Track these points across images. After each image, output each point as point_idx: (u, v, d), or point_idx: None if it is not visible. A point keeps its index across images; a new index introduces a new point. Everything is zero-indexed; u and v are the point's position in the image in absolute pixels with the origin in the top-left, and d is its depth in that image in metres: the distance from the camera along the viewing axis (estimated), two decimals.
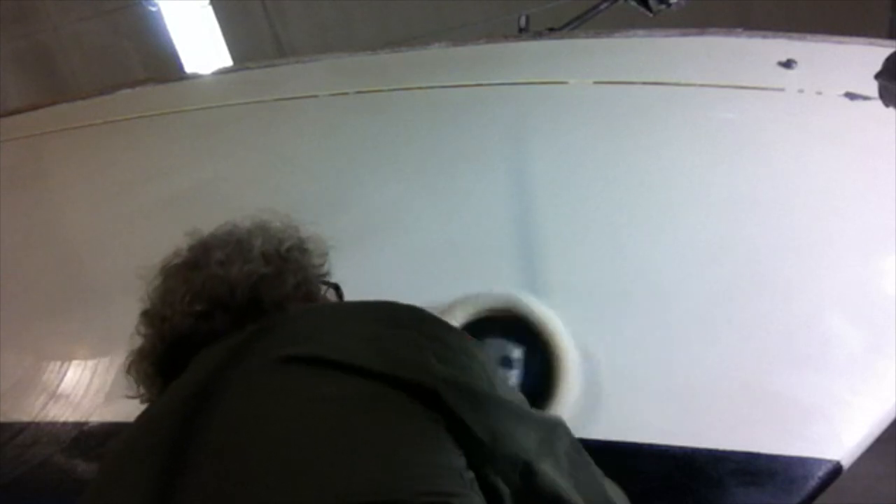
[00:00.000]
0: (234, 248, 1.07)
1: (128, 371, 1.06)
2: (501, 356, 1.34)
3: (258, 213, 1.15)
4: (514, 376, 1.33)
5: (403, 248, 1.56)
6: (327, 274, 1.16)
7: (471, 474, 0.81)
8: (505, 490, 0.83)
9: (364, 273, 1.05)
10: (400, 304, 0.97)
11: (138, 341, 1.06)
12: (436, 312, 0.97)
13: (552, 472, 0.86)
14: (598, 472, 0.98)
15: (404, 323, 0.92)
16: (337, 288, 1.17)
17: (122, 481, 0.84)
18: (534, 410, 0.94)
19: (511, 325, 1.42)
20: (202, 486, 0.76)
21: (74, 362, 1.69)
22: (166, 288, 1.06)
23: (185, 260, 1.09)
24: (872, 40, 1.57)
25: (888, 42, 1.56)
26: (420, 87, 1.66)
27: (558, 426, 0.94)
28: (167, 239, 1.09)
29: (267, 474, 0.75)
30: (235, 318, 1.00)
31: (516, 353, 1.34)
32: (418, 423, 0.81)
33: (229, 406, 0.82)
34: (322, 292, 1.15)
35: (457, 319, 1.37)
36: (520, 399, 0.94)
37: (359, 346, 0.86)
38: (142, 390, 1.05)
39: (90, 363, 1.68)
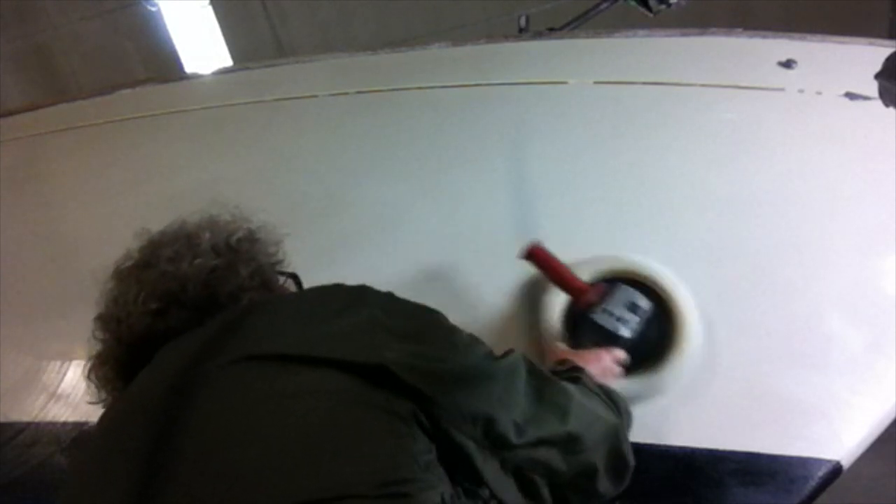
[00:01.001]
0: (182, 244, 1.07)
1: (88, 377, 1.06)
2: (630, 301, 1.33)
3: (207, 208, 1.15)
4: (637, 322, 1.32)
5: (403, 247, 1.56)
6: (282, 262, 1.16)
7: (428, 457, 0.83)
8: (470, 445, 0.87)
9: (364, 273, 1.04)
10: (349, 287, 0.97)
11: (96, 346, 1.06)
12: None
13: (513, 416, 0.91)
14: (564, 387, 1.02)
15: (357, 305, 0.93)
16: (295, 277, 1.16)
17: (101, 482, 0.84)
18: (492, 361, 0.96)
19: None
20: (181, 486, 0.77)
21: (74, 362, 1.69)
22: (119, 290, 1.07)
23: (136, 261, 1.09)
24: (872, 40, 1.57)
25: (888, 42, 1.56)
26: (420, 87, 1.66)
27: (515, 368, 0.97)
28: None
29: (235, 473, 0.76)
30: (192, 314, 1.00)
31: (643, 302, 1.34)
32: (377, 412, 0.82)
33: (202, 406, 0.83)
34: (280, 282, 1.14)
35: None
36: (479, 353, 0.96)
37: (317, 337, 0.87)
38: (103, 395, 1.05)
39: (90, 363, 1.68)
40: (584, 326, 1.34)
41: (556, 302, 1.42)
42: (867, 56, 1.54)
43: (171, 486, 0.77)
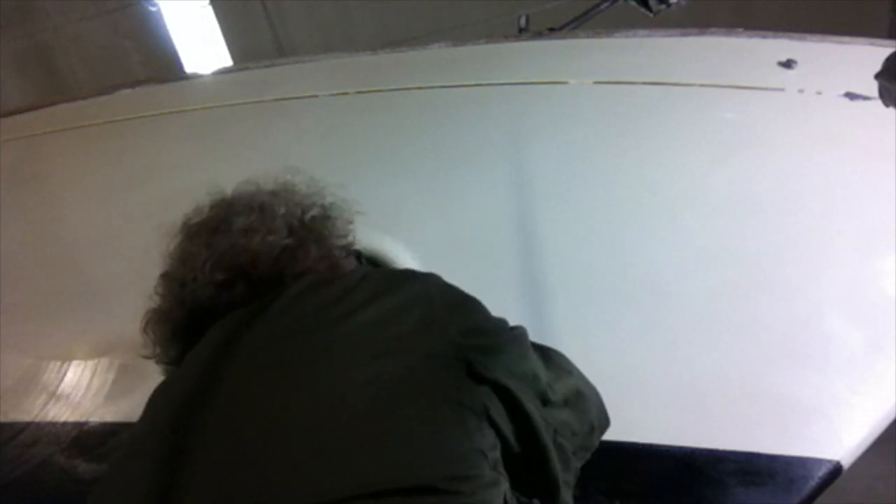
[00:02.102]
0: (257, 216, 1.04)
1: (144, 330, 1.03)
2: None
3: (282, 174, 1.12)
4: None
5: (403, 247, 1.56)
6: (352, 244, 1.13)
7: (495, 453, 0.82)
8: (532, 408, 0.87)
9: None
10: (407, 276, 0.96)
11: (156, 301, 1.03)
12: None
13: (543, 375, 0.94)
14: (558, 351, 1.04)
15: (409, 283, 0.92)
16: (358, 255, 1.14)
17: (132, 464, 0.83)
18: (512, 328, 0.96)
19: None
20: (211, 472, 0.75)
21: (74, 362, 1.69)
22: (187, 250, 1.03)
23: (207, 220, 1.06)
24: (872, 40, 1.57)
25: (888, 42, 1.56)
26: (420, 87, 1.66)
27: (525, 334, 0.97)
28: (167, 239, 1.08)
29: (283, 460, 0.73)
30: (255, 290, 0.98)
31: None
32: (449, 403, 0.80)
33: (242, 390, 0.81)
34: (345, 261, 1.11)
35: None
36: (503, 320, 0.97)
37: (377, 323, 0.85)
38: (157, 350, 1.03)
39: (90, 363, 1.68)
40: None
41: None
42: (867, 56, 1.54)
43: (201, 470, 0.75)
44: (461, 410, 0.80)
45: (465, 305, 0.94)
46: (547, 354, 1.00)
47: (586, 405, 1.01)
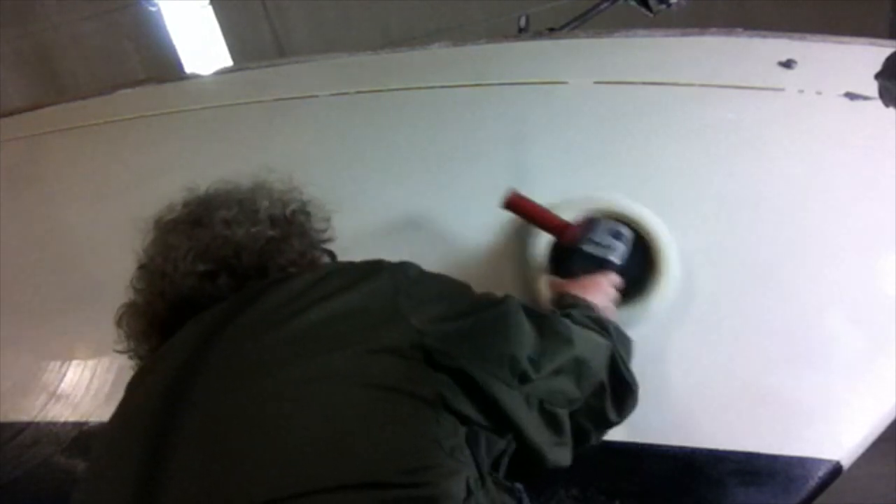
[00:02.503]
0: (239, 210, 1.04)
1: (118, 324, 1.03)
2: (613, 230, 1.38)
3: (258, 173, 1.11)
4: (623, 248, 1.37)
5: (402, 248, 1.55)
6: (330, 240, 1.13)
7: (454, 440, 0.82)
8: (503, 388, 0.89)
9: None
10: (364, 262, 0.96)
11: (135, 296, 1.03)
12: None
13: (527, 351, 0.93)
14: (560, 318, 1.04)
15: (374, 274, 0.92)
16: (332, 254, 1.14)
17: (112, 468, 0.83)
18: (496, 305, 0.97)
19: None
20: (187, 472, 0.75)
21: (74, 362, 1.69)
22: (167, 243, 1.02)
23: (186, 215, 1.05)
24: (872, 40, 1.57)
25: (888, 42, 1.56)
26: (420, 87, 1.65)
27: (516, 308, 0.97)
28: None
29: (245, 459, 0.73)
30: (239, 282, 0.98)
31: (625, 230, 1.39)
32: (401, 396, 0.81)
33: (213, 387, 0.81)
34: (322, 259, 1.12)
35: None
36: (485, 300, 0.98)
37: (336, 314, 0.86)
38: (132, 345, 1.03)
39: (90, 363, 1.68)
40: (573, 259, 1.37)
41: (542, 243, 1.46)
42: (867, 56, 1.54)
43: (178, 472, 0.75)
44: (413, 401, 0.81)
45: (433, 295, 0.94)
46: (544, 324, 1.00)
47: (587, 370, 1.02)
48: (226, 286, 0.98)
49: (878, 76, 1.49)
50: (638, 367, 1.15)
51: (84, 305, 1.70)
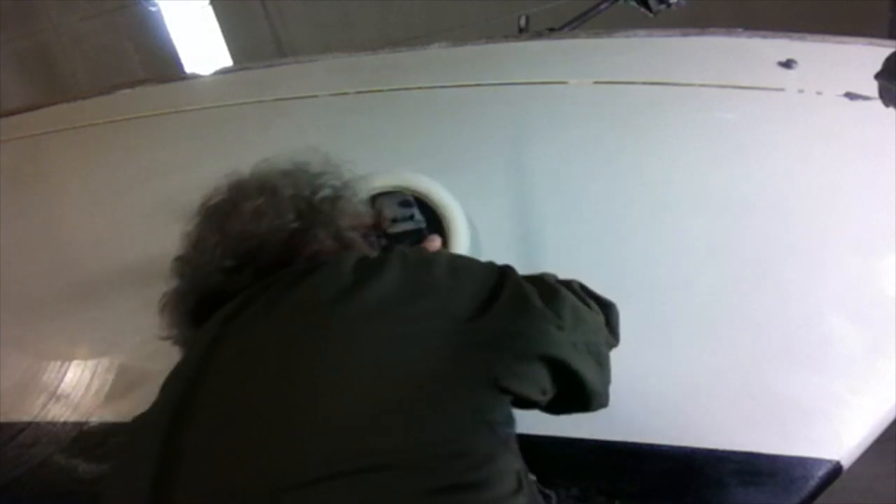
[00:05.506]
0: (267, 199, 1.04)
1: (161, 312, 1.05)
2: (395, 202, 1.44)
3: (298, 153, 1.12)
4: (417, 212, 1.42)
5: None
6: (364, 225, 1.13)
7: (507, 430, 0.81)
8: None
9: None
10: (391, 257, 0.94)
11: (173, 283, 1.05)
12: None
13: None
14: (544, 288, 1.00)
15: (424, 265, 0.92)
16: (368, 237, 1.14)
17: (139, 446, 0.84)
18: (504, 280, 0.94)
19: None
20: (198, 455, 0.76)
21: (74, 362, 1.69)
22: (200, 234, 1.04)
23: (221, 203, 1.06)
24: (872, 40, 1.57)
25: (888, 42, 1.56)
26: (420, 87, 1.66)
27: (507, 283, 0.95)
28: (167, 239, 1.08)
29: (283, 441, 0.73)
30: (263, 274, 0.98)
31: (398, 195, 1.45)
32: (447, 379, 0.79)
33: (231, 370, 0.82)
34: (360, 241, 1.11)
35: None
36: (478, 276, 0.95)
37: (397, 300, 0.85)
38: (174, 332, 1.05)
39: (90, 363, 1.68)
40: (397, 246, 1.36)
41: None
42: (867, 56, 1.54)
43: (190, 456, 0.76)
44: (461, 385, 0.79)
45: (461, 274, 0.93)
46: (535, 282, 0.99)
47: (583, 309, 1.01)
48: (250, 278, 0.99)
49: (878, 76, 1.49)
50: (638, 366, 1.15)
51: (84, 305, 1.70)
